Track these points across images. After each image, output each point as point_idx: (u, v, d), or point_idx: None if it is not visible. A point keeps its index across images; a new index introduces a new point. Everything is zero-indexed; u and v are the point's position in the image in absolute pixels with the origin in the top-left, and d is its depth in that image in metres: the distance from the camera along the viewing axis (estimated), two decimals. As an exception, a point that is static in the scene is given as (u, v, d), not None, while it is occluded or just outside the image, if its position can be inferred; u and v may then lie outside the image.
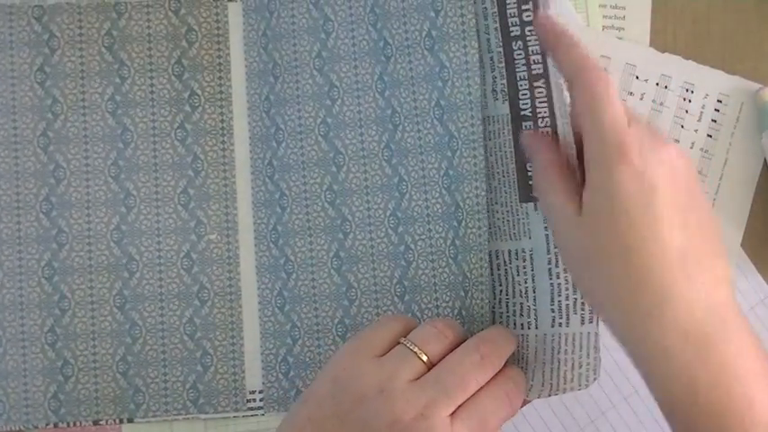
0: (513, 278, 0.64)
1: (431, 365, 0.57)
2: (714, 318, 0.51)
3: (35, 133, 0.70)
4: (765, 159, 0.70)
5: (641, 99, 0.70)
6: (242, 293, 0.69)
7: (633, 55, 0.71)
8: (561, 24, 0.57)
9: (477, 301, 0.66)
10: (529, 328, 0.63)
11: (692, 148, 0.70)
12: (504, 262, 0.64)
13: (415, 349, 0.57)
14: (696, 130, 0.70)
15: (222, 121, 0.71)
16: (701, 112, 0.70)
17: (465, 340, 0.59)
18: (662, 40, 0.71)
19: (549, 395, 0.62)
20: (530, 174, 0.62)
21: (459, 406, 0.55)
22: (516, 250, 0.63)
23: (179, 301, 0.69)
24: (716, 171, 0.70)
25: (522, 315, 0.63)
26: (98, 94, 0.70)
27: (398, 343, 0.58)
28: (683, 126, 0.70)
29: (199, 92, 0.71)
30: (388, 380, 0.55)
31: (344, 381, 0.57)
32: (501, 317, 0.65)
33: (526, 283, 0.63)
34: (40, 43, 0.71)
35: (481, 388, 0.56)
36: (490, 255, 0.65)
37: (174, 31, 0.71)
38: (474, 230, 0.66)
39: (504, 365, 0.58)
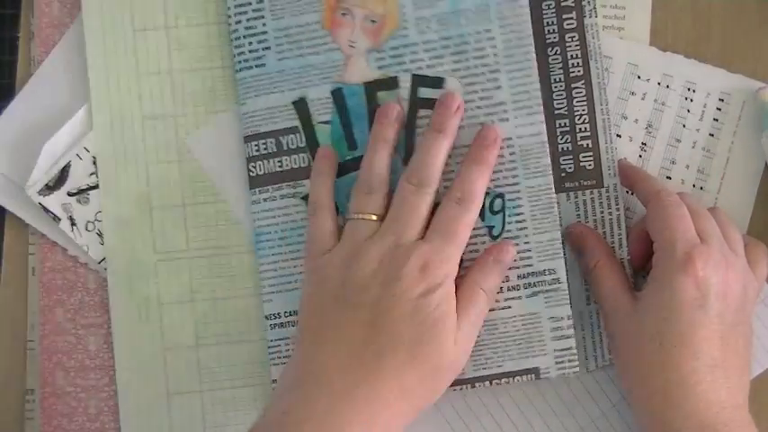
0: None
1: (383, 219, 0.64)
2: (727, 416, 0.59)
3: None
4: (766, 162, 0.69)
5: (643, 99, 0.70)
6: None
7: (634, 54, 0.70)
8: (636, 165, 0.69)
9: None
10: (565, 304, 0.68)
11: (693, 147, 0.70)
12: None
13: (360, 216, 0.64)
14: (698, 129, 0.70)
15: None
16: (703, 111, 0.70)
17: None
18: (662, 39, 0.70)
19: (597, 366, 0.69)
20: (562, 166, 0.69)
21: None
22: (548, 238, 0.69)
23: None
24: (718, 170, 0.70)
25: None
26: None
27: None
28: (684, 125, 0.70)
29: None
30: (354, 248, 0.63)
31: (322, 279, 0.64)
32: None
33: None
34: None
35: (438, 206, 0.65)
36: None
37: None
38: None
39: None
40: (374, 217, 0.64)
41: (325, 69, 0.69)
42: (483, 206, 0.67)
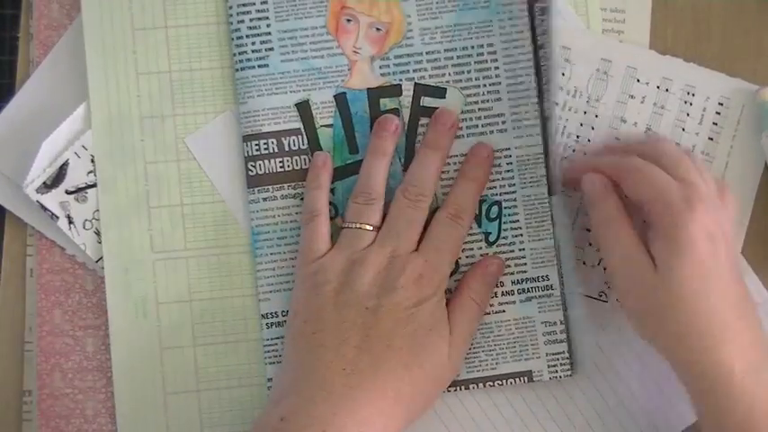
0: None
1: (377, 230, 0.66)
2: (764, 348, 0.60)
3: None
4: (766, 162, 0.69)
5: (642, 102, 0.70)
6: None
7: (634, 58, 0.70)
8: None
9: None
10: (558, 310, 0.69)
11: (692, 150, 0.70)
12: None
13: (357, 226, 0.66)
14: (697, 133, 0.70)
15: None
16: (702, 115, 0.70)
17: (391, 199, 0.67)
18: (662, 42, 0.71)
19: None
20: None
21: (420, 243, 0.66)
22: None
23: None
24: (717, 174, 0.69)
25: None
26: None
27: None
28: (683, 129, 0.70)
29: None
30: (352, 256, 0.65)
31: (318, 283, 0.64)
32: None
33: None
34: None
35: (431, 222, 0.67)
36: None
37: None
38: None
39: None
40: (371, 227, 0.65)
41: (329, 73, 0.69)
42: (480, 213, 0.69)
